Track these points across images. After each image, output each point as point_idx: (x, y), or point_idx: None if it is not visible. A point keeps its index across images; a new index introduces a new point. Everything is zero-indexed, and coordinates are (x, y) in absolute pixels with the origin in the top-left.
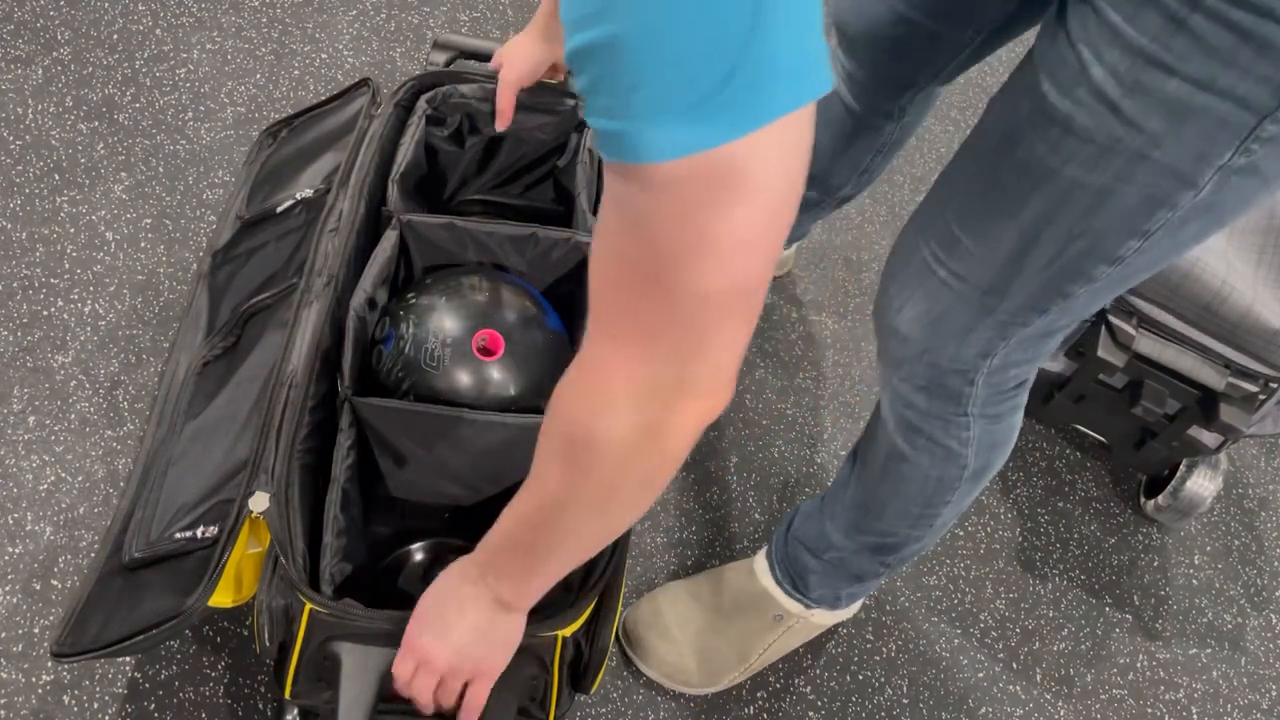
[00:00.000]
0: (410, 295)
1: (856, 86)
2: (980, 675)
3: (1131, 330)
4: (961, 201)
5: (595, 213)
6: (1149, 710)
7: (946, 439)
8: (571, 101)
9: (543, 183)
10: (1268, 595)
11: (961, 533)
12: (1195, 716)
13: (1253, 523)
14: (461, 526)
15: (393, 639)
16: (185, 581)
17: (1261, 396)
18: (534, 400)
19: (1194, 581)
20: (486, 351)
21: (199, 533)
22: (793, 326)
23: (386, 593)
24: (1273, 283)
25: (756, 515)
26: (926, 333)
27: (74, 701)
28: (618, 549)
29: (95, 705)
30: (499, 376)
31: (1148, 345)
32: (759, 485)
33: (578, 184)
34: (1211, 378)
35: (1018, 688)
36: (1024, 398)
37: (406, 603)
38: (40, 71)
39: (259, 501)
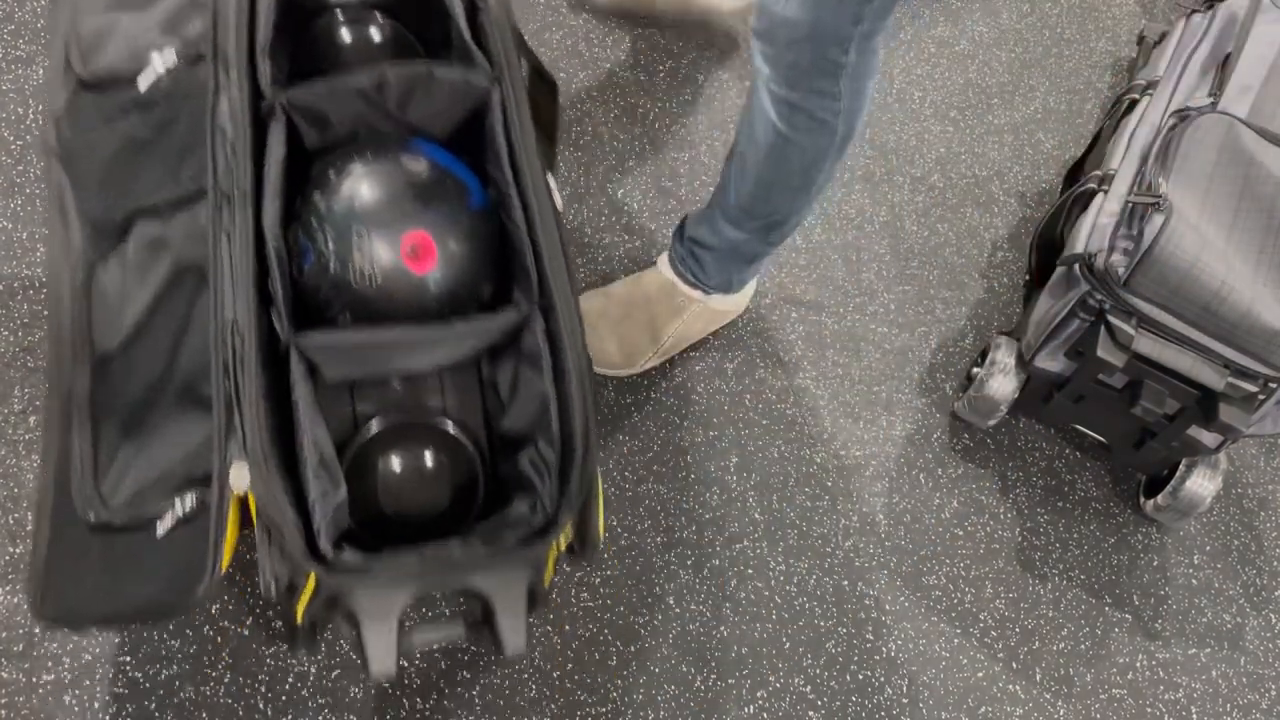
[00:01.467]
0: (317, 197)
1: None
2: (980, 675)
3: (1131, 330)
4: None
5: (476, 40)
6: (1148, 710)
7: (823, 113)
8: None
9: None
10: (1267, 595)
11: (961, 533)
12: (1195, 716)
13: (1252, 523)
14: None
15: (401, 579)
16: (175, 559)
17: (1261, 396)
18: (474, 291)
19: (1193, 581)
20: (417, 256)
21: (177, 508)
22: (793, 326)
23: (365, 481)
24: (1272, 283)
25: (756, 515)
26: (810, 11)
27: (74, 701)
28: (589, 449)
29: (96, 705)
30: (437, 281)
31: (1147, 345)
32: (759, 485)
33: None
34: (1211, 378)
35: (1018, 688)
36: (878, 62)
37: (390, 494)
38: (41, 72)
39: (240, 479)
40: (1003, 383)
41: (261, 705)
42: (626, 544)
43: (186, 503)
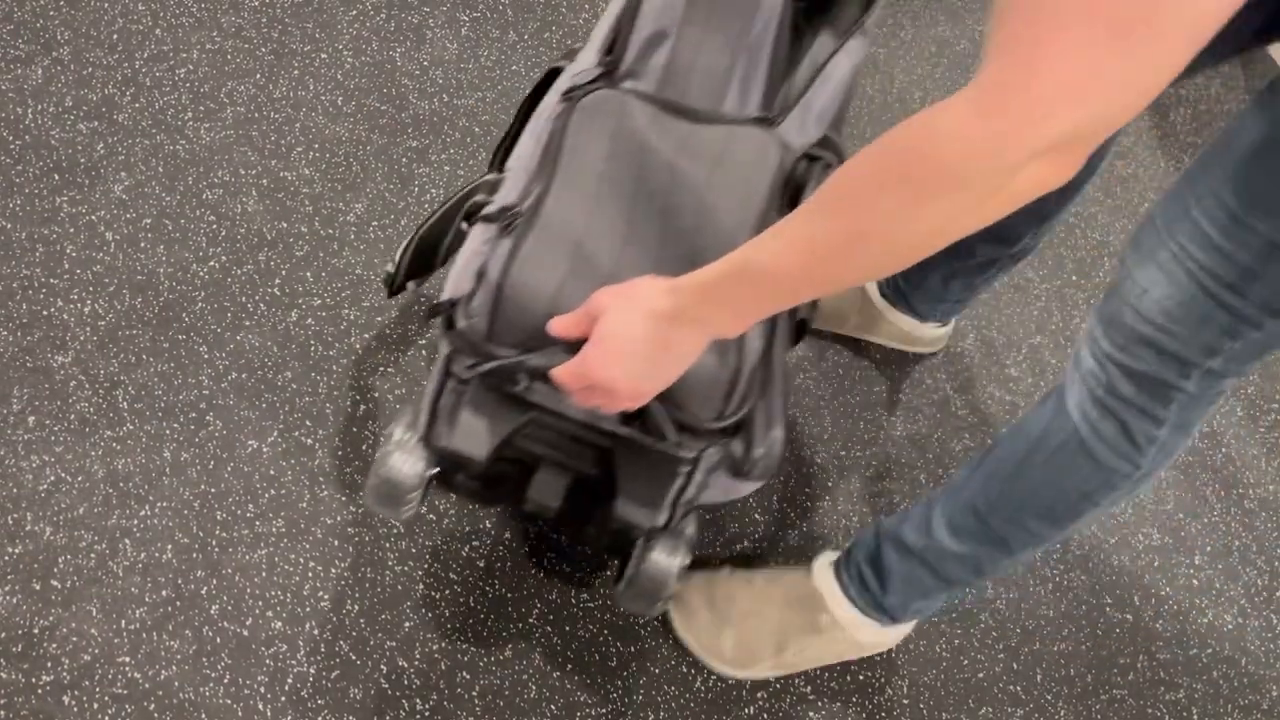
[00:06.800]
0: None
1: None
2: (980, 675)
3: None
4: (1212, 202)
5: None
6: (1149, 710)
7: (1136, 433)
8: None
9: None
10: (1268, 595)
11: None
12: (1195, 716)
13: (1253, 523)
14: None
15: None
16: None
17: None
18: None
19: (1194, 582)
20: None
21: None
22: None
23: None
24: None
25: (756, 515)
26: (1165, 316)
27: (74, 701)
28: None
29: (95, 705)
30: None
31: (542, 395)
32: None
33: None
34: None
35: (1018, 688)
36: (1212, 411)
37: None
38: (40, 71)
39: None
40: (404, 462)
41: (261, 705)
42: None
43: None
